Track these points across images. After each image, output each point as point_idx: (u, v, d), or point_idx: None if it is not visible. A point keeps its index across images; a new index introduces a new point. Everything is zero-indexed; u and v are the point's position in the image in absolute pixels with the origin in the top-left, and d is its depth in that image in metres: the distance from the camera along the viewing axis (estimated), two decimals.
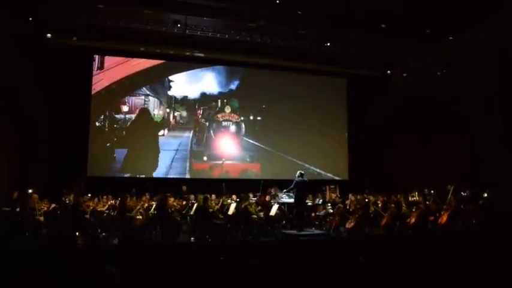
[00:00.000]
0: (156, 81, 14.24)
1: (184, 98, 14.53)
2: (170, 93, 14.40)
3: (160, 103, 14.28)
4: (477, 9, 10.57)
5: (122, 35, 12.15)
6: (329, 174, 15.39)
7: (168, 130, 14.25)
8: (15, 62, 11.37)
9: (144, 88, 14.16)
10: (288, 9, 10.96)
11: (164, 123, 14.20)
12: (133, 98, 14.02)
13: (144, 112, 14.05)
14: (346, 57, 13.89)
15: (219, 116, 14.85)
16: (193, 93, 14.63)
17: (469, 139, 12.33)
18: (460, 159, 12.36)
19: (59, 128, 12.63)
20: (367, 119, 16.04)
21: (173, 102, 14.46)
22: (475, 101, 12.27)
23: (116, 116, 13.72)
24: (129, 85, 13.89)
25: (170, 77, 14.45)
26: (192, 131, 14.45)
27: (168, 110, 14.33)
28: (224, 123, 14.91)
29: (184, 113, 14.50)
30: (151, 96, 14.19)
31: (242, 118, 15.02)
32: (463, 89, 12.61)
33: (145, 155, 13.83)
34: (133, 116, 13.87)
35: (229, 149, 14.77)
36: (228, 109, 14.94)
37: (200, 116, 14.66)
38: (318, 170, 15.22)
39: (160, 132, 14.12)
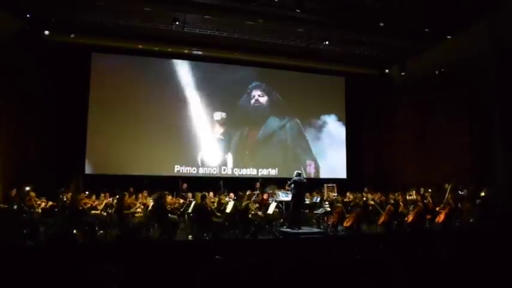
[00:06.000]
0: None
1: None
2: None
3: None
4: (476, 8, 10.58)
5: (120, 32, 12.12)
6: (327, 173, 15.40)
7: None
8: (13, 59, 11.31)
9: None
10: (287, 8, 10.95)
11: None
12: None
13: None
14: (345, 56, 13.90)
15: None
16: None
17: (467, 138, 12.35)
18: (458, 158, 12.38)
19: (57, 125, 12.62)
20: (366, 117, 16.05)
21: None
22: (473, 99, 12.29)
23: None
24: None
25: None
26: None
27: None
28: None
29: None
30: None
31: None
32: (462, 87, 12.62)
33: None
34: None
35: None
36: None
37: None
38: (315, 169, 15.23)
39: None
